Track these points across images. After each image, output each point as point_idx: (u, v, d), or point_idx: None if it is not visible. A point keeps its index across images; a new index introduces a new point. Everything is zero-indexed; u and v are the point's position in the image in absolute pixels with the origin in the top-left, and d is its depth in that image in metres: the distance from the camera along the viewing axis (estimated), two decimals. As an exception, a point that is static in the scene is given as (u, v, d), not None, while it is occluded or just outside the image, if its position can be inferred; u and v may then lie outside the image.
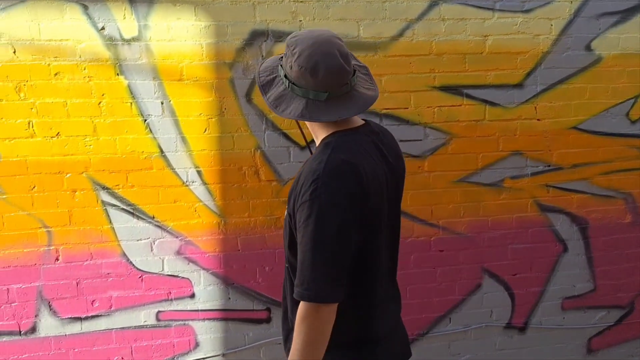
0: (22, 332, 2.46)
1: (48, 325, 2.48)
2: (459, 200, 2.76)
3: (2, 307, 2.43)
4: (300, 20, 2.47)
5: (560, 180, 2.83)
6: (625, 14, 2.74)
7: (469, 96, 2.68)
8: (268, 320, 2.68)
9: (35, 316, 2.47)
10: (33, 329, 2.47)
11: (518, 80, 2.71)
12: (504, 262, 2.87)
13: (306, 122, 1.53)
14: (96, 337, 2.52)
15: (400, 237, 1.63)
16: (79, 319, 2.50)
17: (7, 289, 2.42)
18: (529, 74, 2.71)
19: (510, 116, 2.73)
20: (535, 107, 2.73)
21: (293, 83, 1.43)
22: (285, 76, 1.44)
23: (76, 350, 2.51)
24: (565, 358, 3.02)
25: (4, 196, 2.35)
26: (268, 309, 2.67)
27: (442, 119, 2.67)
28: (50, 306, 2.47)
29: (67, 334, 2.50)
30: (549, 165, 2.80)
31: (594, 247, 2.95)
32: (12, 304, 2.43)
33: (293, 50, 1.42)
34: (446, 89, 2.65)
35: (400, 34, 2.56)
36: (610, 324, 3.04)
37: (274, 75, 1.49)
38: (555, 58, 2.70)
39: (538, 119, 2.74)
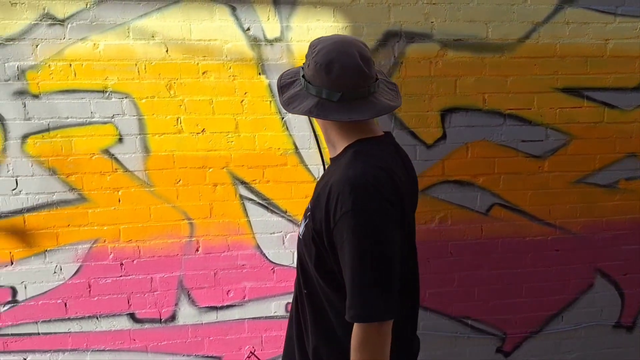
0: (162, 320, 2.56)
1: (186, 314, 2.58)
2: (575, 200, 2.79)
3: (145, 295, 2.53)
4: (432, 22, 2.54)
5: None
6: None
7: (589, 98, 2.71)
8: (389, 314, 2.76)
9: (175, 305, 2.56)
10: (172, 317, 2.57)
11: (636, 83, 2.74)
12: (615, 262, 2.90)
13: (322, 130, 1.47)
14: (229, 326, 2.61)
15: (519, 236, 1.64)
16: (215, 308, 2.59)
17: (151, 277, 2.52)
18: (647, 77, 2.75)
19: (627, 119, 2.76)
20: (653, 110, 2.77)
21: (308, 81, 1.38)
22: (303, 76, 1.41)
23: (211, 338, 2.61)
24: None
25: (152, 189, 2.46)
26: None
27: (563, 120, 2.71)
28: (189, 295, 2.57)
29: (203, 322, 2.59)
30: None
31: None
32: (155, 293, 2.53)
33: (314, 48, 1.39)
34: (568, 90, 2.69)
35: (527, 36, 2.61)
36: None
37: (295, 79, 1.46)
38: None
39: (654, 122, 2.79)
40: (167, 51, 2.37)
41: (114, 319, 2.51)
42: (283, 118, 2.49)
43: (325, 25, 2.46)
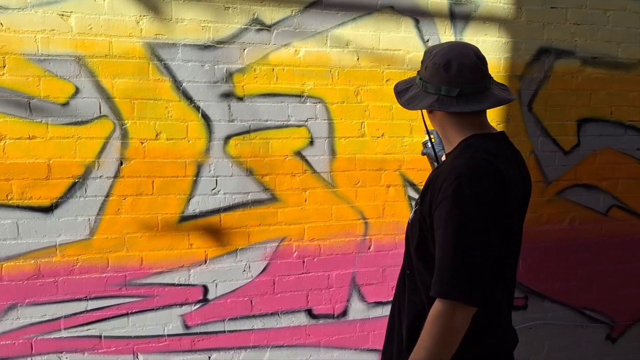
0: (335, 315, 2.67)
1: (356, 309, 2.69)
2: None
3: (322, 292, 2.62)
4: (576, 40, 2.82)
5: None
6: None
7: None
8: (525, 307, 3.00)
9: (347, 301, 2.67)
10: (344, 313, 2.67)
11: None
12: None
13: (439, 128, 1.52)
14: (393, 320, 2.77)
15: (632, 235, 1.89)
16: (381, 303, 2.73)
17: (328, 275, 2.62)
18: None
19: None
20: None
21: (426, 82, 1.43)
22: (420, 79, 1.46)
23: (375, 332, 2.74)
24: None
25: (335, 189, 2.57)
26: (525, 297, 2.99)
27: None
28: (359, 291, 2.68)
29: (370, 317, 2.72)
30: None
31: None
32: (330, 289, 2.63)
33: (430, 53, 1.46)
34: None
35: (650, 56, 2.97)
36: None
37: (410, 85, 1.53)
38: None
39: None
40: (358, 59, 2.50)
41: (293, 315, 2.59)
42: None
43: (490, 39, 2.67)
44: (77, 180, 2.21)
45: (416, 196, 2.68)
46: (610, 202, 3.03)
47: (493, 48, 2.68)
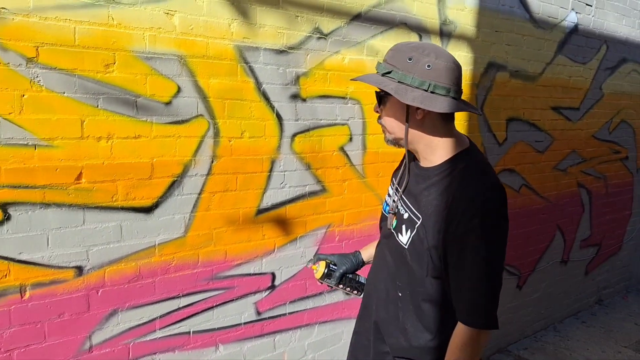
0: None
1: None
2: (552, 179, 4.24)
3: None
4: (507, 57, 3.62)
5: None
6: None
7: (561, 113, 4.19)
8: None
9: None
10: (368, 286, 3.05)
11: (577, 105, 4.33)
12: (563, 219, 4.46)
13: (419, 138, 1.43)
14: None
15: (530, 206, 2.83)
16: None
17: (359, 254, 2.96)
18: None
19: (574, 127, 4.34)
20: None
21: (433, 83, 1.34)
22: (402, 73, 1.38)
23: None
24: None
25: (365, 179, 2.91)
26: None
27: (551, 127, 4.10)
28: (379, 267, 3.08)
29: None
30: None
31: None
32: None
33: (423, 52, 1.36)
34: (553, 108, 4.11)
35: (542, 71, 3.93)
36: None
37: (385, 85, 1.41)
38: None
39: None
40: (383, 67, 2.89)
41: (334, 294, 2.86)
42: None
43: (462, 54, 3.28)
44: (176, 178, 2.20)
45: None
46: (521, 182, 3.92)
47: (463, 61, 3.31)
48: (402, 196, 1.54)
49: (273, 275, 2.56)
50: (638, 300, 5.17)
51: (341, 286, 1.83)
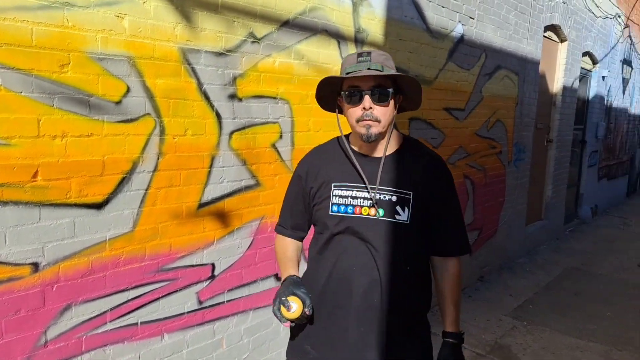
0: None
1: (301, 269, 3.30)
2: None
3: None
4: (410, 63, 4.02)
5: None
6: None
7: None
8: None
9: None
10: (295, 273, 3.26)
11: (463, 106, 4.89)
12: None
13: (391, 122, 1.68)
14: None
15: None
16: (315, 262, 3.40)
17: (288, 243, 3.17)
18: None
19: (460, 125, 4.88)
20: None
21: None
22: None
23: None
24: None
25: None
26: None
27: (443, 126, 4.61)
28: (303, 254, 3.30)
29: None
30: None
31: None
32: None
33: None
34: (445, 109, 4.62)
35: (436, 76, 4.40)
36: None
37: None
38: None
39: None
40: (307, 69, 3.12)
41: (267, 281, 3.05)
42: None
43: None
44: (125, 175, 2.26)
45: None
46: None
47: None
48: (379, 186, 1.67)
49: (213, 266, 2.69)
50: (510, 275, 5.89)
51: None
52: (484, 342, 4.12)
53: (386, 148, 1.69)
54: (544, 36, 6.32)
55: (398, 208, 1.67)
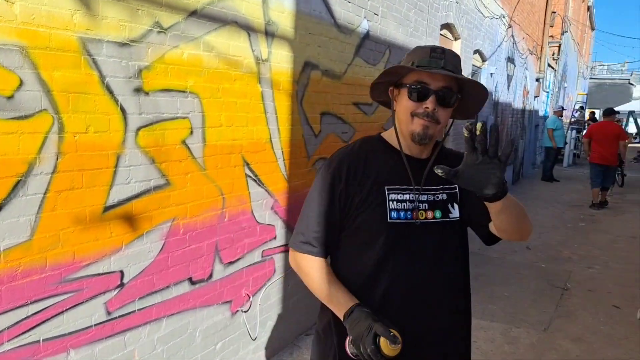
0: (206, 279, 3.05)
1: (218, 271, 3.12)
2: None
3: (198, 260, 2.94)
4: (319, 58, 3.99)
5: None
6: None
7: (359, 107, 4.76)
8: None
9: (212, 265, 3.08)
10: (210, 275, 3.08)
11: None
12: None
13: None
14: (236, 275, 3.34)
15: None
16: (231, 263, 3.27)
17: (202, 245, 2.99)
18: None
19: (370, 119, 4.96)
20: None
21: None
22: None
23: (228, 287, 3.26)
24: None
25: (205, 171, 2.95)
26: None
27: (353, 120, 4.65)
28: (219, 255, 3.12)
29: (225, 275, 3.21)
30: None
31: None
32: (202, 257, 3.00)
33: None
34: (354, 103, 4.65)
35: (345, 71, 4.41)
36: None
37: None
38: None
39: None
40: (218, 62, 2.98)
41: (180, 285, 2.86)
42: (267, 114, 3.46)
43: (284, 52, 3.56)
44: (20, 178, 2.01)
45: (251, 174, 3.34)
46: (332, 169, 4.37)
47: (285, 60, 3.57)
48: (423, 188, 1.59)
49: (122, 273, 2.50)
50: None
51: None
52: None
53: (433, 149, 1.64)
54: (441, 34, 6.57)
55: (449, 205, 1.61)
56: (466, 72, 7.64)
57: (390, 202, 1.54)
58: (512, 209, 1.44)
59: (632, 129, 24.52)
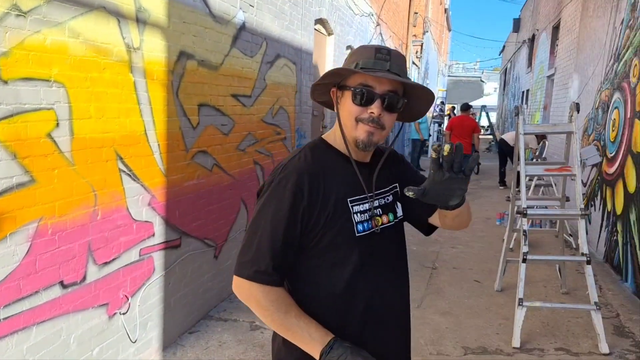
0: (79, 282, 2.83)
1: (92, 272, 2.90)
2: (236, 159, 4.73)
3: (69, 262, 2.72)
4: (195, 47, 3.88)
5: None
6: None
7: (238, 99, 4.71)
8: (180, 245, 3.89)
9: (85, 266, 2.87)
10: (84, 278, 2.87)
11: (249, 92, 4.93)
12: (247, 192, 5.02)
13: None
14: (114, 275, 3.14)
15: (220, 183, 3.69)
16: (106, 263, 3.06)
17: (73, 246, 2.77)
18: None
19: (249, 112, 4.93)
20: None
21: None
22: None
23: (104, 289, 3.05)
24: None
25: (74, 167, 2.74)
26: (180, 237, 3.88)
27: (232, 112, 4.59)
28: (93, 256, 2.91)
29: (100, 277, 3.01)
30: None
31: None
32: (74, 259, 2.77)
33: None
34: (233, 95, 4.60)
35: (222, 62, 4.34)
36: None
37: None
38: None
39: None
40: (85, 49, 2.77)
41: (50, 290, 2.61)
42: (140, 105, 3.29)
43: (157, 41, 3.41)
44: None
45: (125, 168, 3.17)
46: (212, 162, 4.27)
47: (159, 48, 3.43)
48: (375, 193, 1.54)
49: (-18, 280, 2.25)
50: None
51: None
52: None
53: (375, 151, 1.58)
54: (315, 29, 6.71)
55: (396, 205, 1.60)
56: (339, 66, 7.86)
57: (355, 215, 1.45)
58: (464, 208, 1.47)
59: (484, 122, 26.88)
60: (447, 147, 1.25)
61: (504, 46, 28.07)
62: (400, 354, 1.57)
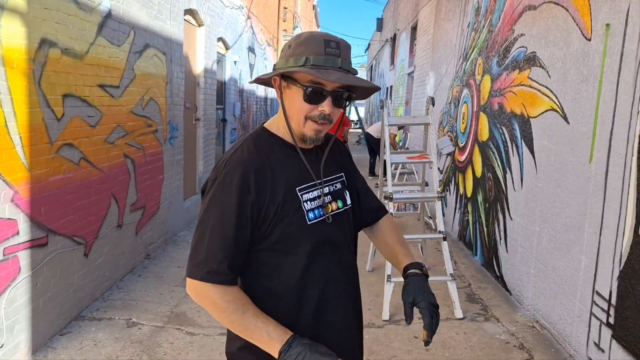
0: None
1: None
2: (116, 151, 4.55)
3: None
4: (58, 35, 3.68)
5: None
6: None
7: (106, 90, 4.54)
8: (47, 243, 3.67)
9: None
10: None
11: (117, 83, 4.77)
12: (118, 187, 4.85)
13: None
14: (-26, 277, 2.90)
15: (91, 176, 3.64)
16: (-35, 264, 2.82)
17: None
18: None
19: (118, 102, 4.76)
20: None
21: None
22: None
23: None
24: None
25: None
26: (47, 235, 3.67)
27: (98, 103, 4.42)
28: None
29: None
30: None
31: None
32: None
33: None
34: (100, 85, 4.42)
35: (88, 50, 4.15)
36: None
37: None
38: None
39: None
40: None
41: None
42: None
43: (14, 27, 3.20)
44: None
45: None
46: (80, 156, 4.08)
47: (19, 35, 3.21)
48: (324, 180, 1.52)
49: None
50: (175, 248, 6.12)
51: None
52: (160, 314, 4.20)
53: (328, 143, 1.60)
54: (185, 19, 6.62)
55: (345, 193, 1.58)
56: (211, 58, 7.84)
57: (305, 204, 1.42)
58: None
59: (353, 116, 28.11)
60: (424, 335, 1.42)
61: (369, 44, 29.49)
62: (354, 338, 1.58)
